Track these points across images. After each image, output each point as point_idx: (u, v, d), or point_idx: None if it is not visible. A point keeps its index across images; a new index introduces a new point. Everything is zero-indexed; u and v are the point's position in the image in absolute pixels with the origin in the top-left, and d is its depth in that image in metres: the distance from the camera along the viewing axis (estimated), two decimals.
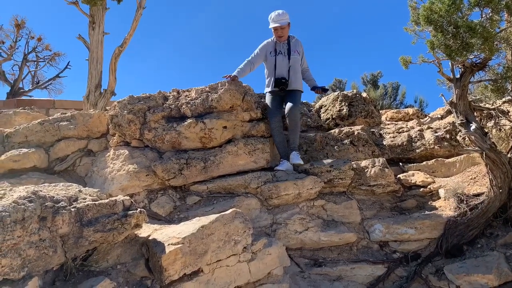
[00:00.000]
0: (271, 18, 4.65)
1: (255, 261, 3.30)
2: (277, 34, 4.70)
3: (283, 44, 4.77)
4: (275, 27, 4.62)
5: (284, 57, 4.73)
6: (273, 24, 4.61)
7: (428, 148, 4.88)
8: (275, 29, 4.66)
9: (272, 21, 4.62)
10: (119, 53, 9.65)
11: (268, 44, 4.83)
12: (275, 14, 4.62)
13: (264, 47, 4.82)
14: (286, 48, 4.75)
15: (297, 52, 4.79)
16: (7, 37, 20.39)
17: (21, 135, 4.49)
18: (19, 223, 2.40)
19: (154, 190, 4.21)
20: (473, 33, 2.95)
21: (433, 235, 3.90)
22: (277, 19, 4.61)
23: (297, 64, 4.80)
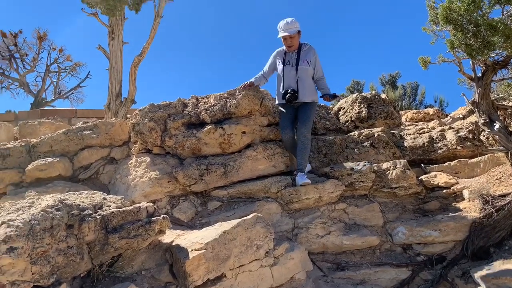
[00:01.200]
0: (279, 27, 4.38)
1: (277, 265, 3.30)
2: (286, 44, 4.44)
3: (292, 54, 4.49)
4: (284, 36, 4.35)
5: (291, 68, 4.44)
6: (281, 33, 4.35)
7: (450, 148, 4.80)
8: (284, 38, 4.38)
9: (281, 30, 4.36)
10: (138, 62, 9.82)
11: (278, 53, 4.61)
12: (283, 22, 4.36)
13: (274, 56, 4.62)
14: (295, 58, 4.47)
15: (306, 62, 4.44)
16: (30, 50, 21.01)
17: (47, 144, 4.62)
18: (48, 231, 2.46)
19: (176, 196, 4.26)
20: (494, 31, 2.90)
21: (458, 237, 3.83)
22: (286, 28, 4.34)
23: (306, 75, 4.45)
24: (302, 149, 4.25)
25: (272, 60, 4.62)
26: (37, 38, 20.88)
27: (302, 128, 4.29)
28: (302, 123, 4.32)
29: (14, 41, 20.46)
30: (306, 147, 4.27)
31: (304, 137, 4.27)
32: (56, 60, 21.78)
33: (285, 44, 4.45)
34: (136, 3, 9.81)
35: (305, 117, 4.36)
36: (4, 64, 20.68)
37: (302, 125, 4.30)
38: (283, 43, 4.48)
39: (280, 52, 4.59)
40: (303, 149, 4.26)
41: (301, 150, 4.25)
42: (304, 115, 4.37)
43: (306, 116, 4.36)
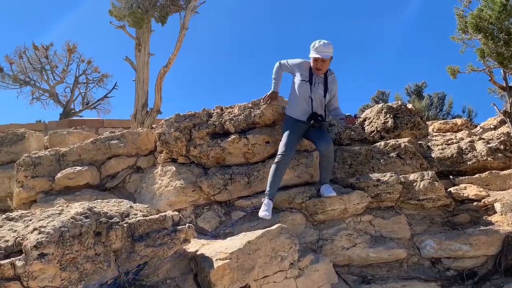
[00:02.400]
0: (314, 46, 4.12)
1: (302, 277, 3.26)
2: (316, 66, 4.15)
3: (318, 78, 4.25)
4: (316, 58, 4.09)
5: (319, 93, 4.22)
6: (315, 53, 4.09)
7: (481, 160, 4.66)
8: (315, 59, 4.12)
9: (315, 51, 4.10)
10: (164, 73, 10.00)
11: (303, 66, 4.30)
12: (319, 43, 4.10)
13: (298, 65, 4.33)
14: (322, 84, 4.25)
15: (328, 95, 4.28)
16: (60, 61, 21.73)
17: (75, 153, 4.74)
18: (77, 238, 2.52)
19: (200, 205, 4.29)
20: None
21: (490, 251, 3.70)
22: (321, 50, 4.08)
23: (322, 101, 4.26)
24: (328, 166, 4.20)
25: (294, 67, 4.34)
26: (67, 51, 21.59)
27: (329, 145, 4.15)
28: (327, 141, 4.17)
29: (45, 54, 21.23)
30: (332, 163, 4.30)
31: (331, 153, 4.19)
32: (84, 71, 22.45)
33: (314, 65, 4.17)
34: (163, 15, 10.03)
35: (327, 136, 4.27)
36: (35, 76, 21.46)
37: (329, 142, 4.17)
38: (312, 63, 4.21)
39: (305, 67, 4.29)
40: (329, 166, 4.23)
41: (328, 167, 4.20)
42: (325, 134, 4.27)
43: (328, 135, 4.32)
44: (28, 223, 2.71)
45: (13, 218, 2.90)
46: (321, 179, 4.22)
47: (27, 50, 20.95)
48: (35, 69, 21.19)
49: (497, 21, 2.87)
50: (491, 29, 2.92)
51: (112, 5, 9.92)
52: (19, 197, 4.52)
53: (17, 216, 2.93)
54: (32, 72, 21.28)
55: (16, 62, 20.91)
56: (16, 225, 2.76)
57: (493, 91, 3.85)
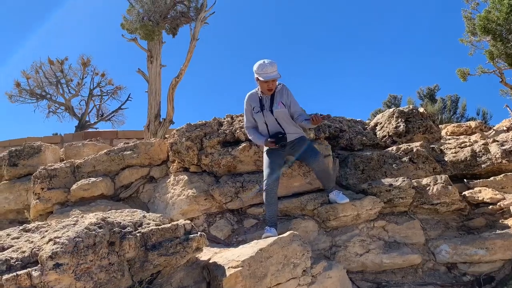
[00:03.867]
0: (259, 69, 3.85)
1: (315, 284, 3.24)
2: (267, 87, 3.91)
3: (266, 97, 4.02)
4: (267, 80, 3.84)
5: (267, 112, 3.98)
6: (264, 76, 3.83)
7: (495, 162, 4.59)
8: (265, 82, 3.86)
9: (264, 73, 3.84)
10: (176, 83, 10.15)
11: (251, 98, 4.10)
12: (264, 65, 3.85)
13: (248, 103, 4.10)
14: (269, 100, 4.02)
15: (282, 104, 3.99)
16: (75, 75, 22.21)
17: (90, 165, 4.82)
18: (91, 248, 2.56)
19: (213, 214, 4.31)
20: None
21: (506, 256, 3.63)
22: (268, 71, 3.83)
23: (284, 115, 4.01)
24: (327, 176, 4.08)
25: (248, 107, 4.11)
26: (81, 64, 22.08)
27: (316, 158, 3.96)
28: (314, 155, 3.98)
29: (60, 68, 21.73)
30: (329, 172, 4.15)
31: (322, 164, 4.00)
32: (98, 84, 22.92)
33: (264, 87, 3.93)
34: (173, 27, 10.20)
35: (310, 150, 4.03)
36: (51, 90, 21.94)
37: (315, 156, 3.97)
38: (259, 86, 3.99)
39: (253, 97, 4.09)
40: (328, 175, 4.10)
41: (326, 174, 4.07)
42: (308, 149, 4.03)
43: (311, 149, 4.06)
44: (44, 234, 2.77)
45: (29, 230, 2.96)
46: (325, 188, 4.16)
47: (43, 65, 21.48)
48: (51, 83, 21.70)
49: (505, 22, 2.85)
50: (499, 31, 2.89)
51: (124, 19, 10.13)
52: (36, 209, 4.61)
53: (33, 227, 3.00)
54: (48, 86, 21.81)
55: (32, 77, 21.46)
56: (32, 236, 2.82)
57: (505, 92, 3.80)
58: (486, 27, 2.85)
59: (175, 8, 10.55)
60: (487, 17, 2.89)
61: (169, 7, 10.24)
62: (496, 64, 3.16)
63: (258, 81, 3.93)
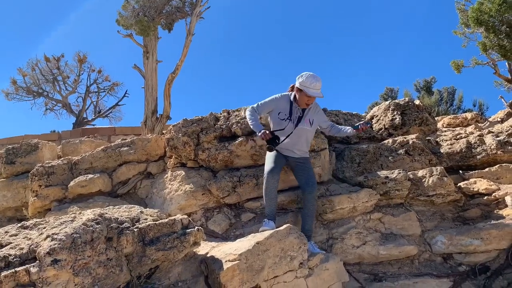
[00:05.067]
0: (309, 82, 3.71)
1: (312, 276, 3.27)
2: (308, 102, 3.82)
3: (298, 109, 3.90)
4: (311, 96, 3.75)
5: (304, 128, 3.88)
6: (316, 92, 3.73)
7: (490, 153, 4.62)
8: (308, 97, 3.76)
9: (312, 88, 3.72)
10: (172, 79, 10.13)
11: (284, 99, 3.93)
12: (316, 80, 3.72)
13: (278, 101, 3.93)
14: (299, 115, 3.89)
15: (308, 122, 3.90)
16: (72, 72, 22.14)
17: (87, 162, 4.83)
18: (89, 243, 2.58)
19: (210, 209, 4.33)
20: None
21: (501, 245, 3.67)
22: (318, 88, 3.74)
23: (307, 133, 3.94)
24: (312, 214, 3.81)
25: (275, 104, 3.94)
26: (78, 61, 22.00)
27: (312, 188, 3.79)
28: (310, 181, 3.82)
29: (56, 65, 21.65)
30: (315, 211, 3.88)
31: (314, 199, 3.80)
32: (95, 80, 22.85)
33: (304, 101, 3.81)
34: (169, 22, 10.17)
35: (310, 175, 3.87)
36: (48, 87, 21.88)
37: (312, 184, 3.80)
38: (299, 97, 3.82)
39: (285, 100, 3.93)
40: (313, 214, 3.82)
41: (311, 214, 3.80)
42: (309, 172, 3.89)
43: (311, 175, 3.89)
44: (42, 231, 2.79)
45: (27, 227, 2.98)
46: (304, 230, 3.70)
47: (39, 62, 21.39)
48: (47, 81, 21.62)
49: (498, 14, 2.86)
50: (492, 22, 2.91)
51: (119, 14, 10.08)
52: (34, 206, 4.63)
53: (31, 224, 3.02)
54: (45, 83, 21.73)
55: (28, 74, 21.38)
56: (30, 233, 2.84)
57: (499, 83, 3.82)
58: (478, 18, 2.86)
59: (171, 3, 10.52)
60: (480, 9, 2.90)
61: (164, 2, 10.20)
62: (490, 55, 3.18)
63: (300, 92, 3.78)
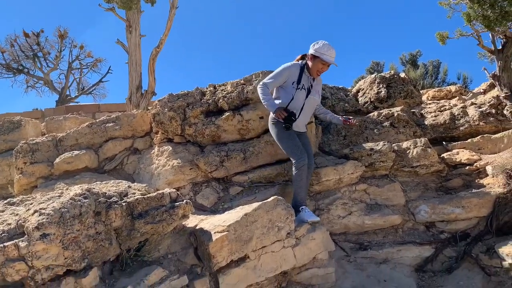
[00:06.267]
0: (326, 49, 3.69)
1: (299, 246, 3.35)
2: (322, 71, 3.80)
3: (308, 78, 3.88)
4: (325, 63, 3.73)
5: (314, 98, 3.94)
6: (327, 58, 3.69)
7: (473, 125, 4.71)
8: (324, 64, 3.73)
9: (328, 56, 3.69)
10: (156, 53, 9.93)
11: (294, 69, 3.83)
12: (330, 48, 3.71)
13: (289, 72, 3.83)
14: (309, 84, 3.87)
15: (317, 94, 3.99)
16: (52, 48, 21.52)
17: (72, 138, 4.78)
18: (77, 218, 2.59)
19: (199, 183, 4.36)
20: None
21: (481, 213, 3.79)
22: (334, 55, 3.73)
23: (314, 105, 4.03)
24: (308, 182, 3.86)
25: (285, 76, 3.83)
26: (58, 36, 21.36)
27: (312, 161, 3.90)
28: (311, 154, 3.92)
29: (36, 40, 21.00)
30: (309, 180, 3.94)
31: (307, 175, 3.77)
32: (77, 57, 22.27)
33: (318, 68, 3.77)
34: None
35: (311, 149, 4.01)
36: (28, 64, 21.29)
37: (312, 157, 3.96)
38: (312, 65, 3.78)
39: (296, 70, 3.83)
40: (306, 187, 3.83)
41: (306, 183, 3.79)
42: (310, 146, 4.01)
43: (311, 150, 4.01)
44: (29, 207, 2.78)
45: (14, 203, 2.97)
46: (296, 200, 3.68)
47: (18, 38, 20.73)
48: (27, 57, 21.01)
49: None
50: None
51: None
52: (20, 184, 4.59)
53: (18, 200, 3.00)
54: (25, 60, 21.12)
55: (7, 50, 20.72)
56: (17, 209, 2.83)
57: (483, 55, 3.86)
58: None
59: None
60: None
61: None
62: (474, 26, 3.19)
63: (315, 59, 3.74)
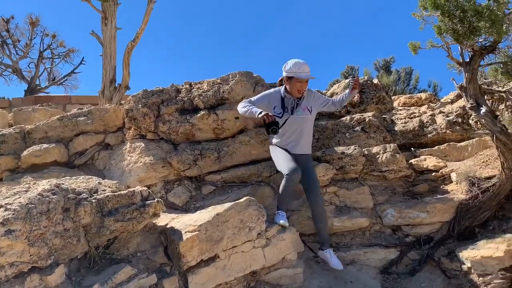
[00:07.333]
0: (297, 67, 3.66)
1: (269, 246, 3.40)
2: (301, 89, 3.73)
3: (293, 100, 3.82)
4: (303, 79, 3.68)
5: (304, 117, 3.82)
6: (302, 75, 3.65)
7: (440, 132, 4.89)
8: (300, 82, 3.68)
9: (301, 72, 3.66)
10: (132, 47, 9.79)
11: (273, 96, 3.86)
12: (300, 64, 3.67)
13: (268, 98, 3.86)
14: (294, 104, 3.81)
15: (307, 110, 3.83)
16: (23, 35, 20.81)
17: (41, 131, 4.66)
18: (45, 214, 2.54)
19: (171, 181, 4.34)
20: (480, 16, 2.96)
21: (445, 218, 3.94)
22: (305, 70, 3.66)
23: (308, 122, 3.90)
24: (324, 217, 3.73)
25: (266, 99, 3.85)
26: (30, 24, 20.66)
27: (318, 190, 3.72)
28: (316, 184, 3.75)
29: (6, 27, 20.24)
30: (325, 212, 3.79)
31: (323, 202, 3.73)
32: (49, 46, 21.60)
33: (297, 88, 3.72)
34: None
35: (315, 176, 3.81)
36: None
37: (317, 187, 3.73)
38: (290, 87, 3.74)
39: (275, 96, 3.86)
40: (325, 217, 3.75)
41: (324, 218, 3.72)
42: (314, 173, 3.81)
43: (315, 175, 3.84)
44: None
45: None
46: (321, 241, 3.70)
47: None
48: None
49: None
50: (448, 6, 3.03)
51: None
52: None
53: None
54: None
55: None
56: None
57: (452, 66, 4.00)
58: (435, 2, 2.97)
59: None
60: None
61: None
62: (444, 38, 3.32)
63: (290, 80, 3.71)
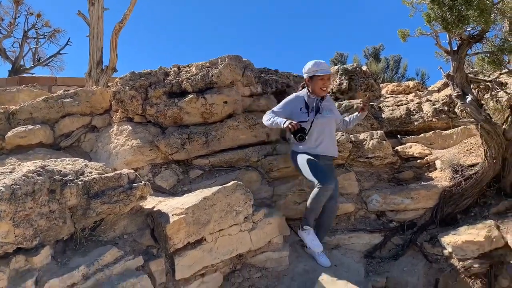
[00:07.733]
0: (317, 66, 3.67)
1: (256, 230, 3.44)
2: (324, 85, 3.69)
3: (317, 100, 3.76)
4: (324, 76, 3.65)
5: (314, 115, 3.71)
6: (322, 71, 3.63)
7: (426, 120, 4.95)
8: (322, 78, 3.65)
9: (321, 69, 3.65)
10: (119, 29, 9.63)
11: (298, 97, 3.81)
12: (319, 62, 3.69)
13: (292, 101, 3.79)
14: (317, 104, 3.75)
15: (330, 111, 3.83)
16: (6, 14, 20.27)
17: (26, 112, 4.59)
18: (30, 195, 2.52)
19: (158, 164, 4.32)
20: (469, 5, 2.98)
21: (428, 204, 4.02)
22: (325, 67, 3.67)
23: (333, 124, 3.87)
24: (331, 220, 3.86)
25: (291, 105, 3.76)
26: (14, 2, 20.10)
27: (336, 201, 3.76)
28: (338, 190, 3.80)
29: None
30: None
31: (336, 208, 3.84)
32: (34, 25, 21.10)
33: (319, 86, 3.68)
34: None
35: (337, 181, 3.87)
36: None
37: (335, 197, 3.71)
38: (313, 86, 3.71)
39: (298, 100, 3.79)
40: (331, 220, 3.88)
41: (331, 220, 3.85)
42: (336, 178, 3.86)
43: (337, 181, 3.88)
44: None
45: None
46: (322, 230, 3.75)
47: None
48: None
49: None
50: None
51: None
52: None
53: None
54: None
55: None
56: None
57: (440, 55, 4.02)
58: None
59: None
60: None
61: None
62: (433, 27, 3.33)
63: (312, 80, 3.70)
